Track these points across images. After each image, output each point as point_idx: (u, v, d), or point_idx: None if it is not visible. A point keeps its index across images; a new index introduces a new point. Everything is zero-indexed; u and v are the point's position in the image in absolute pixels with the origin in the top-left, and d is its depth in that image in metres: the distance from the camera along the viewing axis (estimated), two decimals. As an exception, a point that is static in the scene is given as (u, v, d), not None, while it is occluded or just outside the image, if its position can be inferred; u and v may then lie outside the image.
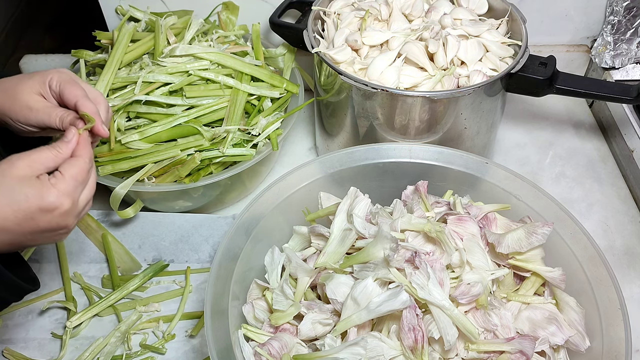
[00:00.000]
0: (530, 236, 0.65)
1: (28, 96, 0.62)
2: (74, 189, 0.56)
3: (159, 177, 0.86)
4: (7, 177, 0.53)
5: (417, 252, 0.62)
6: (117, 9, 1.04)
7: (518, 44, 0.87)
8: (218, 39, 0.99)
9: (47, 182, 0.55)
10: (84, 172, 0.58)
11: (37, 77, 0.63)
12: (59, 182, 0.55)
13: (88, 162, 0.59)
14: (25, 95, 0.62)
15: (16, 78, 0.64)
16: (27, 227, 0.54)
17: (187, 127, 0.86)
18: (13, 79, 0.64)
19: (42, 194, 0.54)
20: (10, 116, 0.62)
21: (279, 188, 0.74)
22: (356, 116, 0.86)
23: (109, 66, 0.88)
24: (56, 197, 0.54)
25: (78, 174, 0.57)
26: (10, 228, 0.53)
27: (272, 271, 0.70)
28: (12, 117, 0.62)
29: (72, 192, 0.56)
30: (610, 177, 1.00)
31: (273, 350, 0.62)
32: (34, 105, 0.62)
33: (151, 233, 0.88)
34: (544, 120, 1.10)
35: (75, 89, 0.62)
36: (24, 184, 0.54)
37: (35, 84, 0.63)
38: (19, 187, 0.53)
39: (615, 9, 1.08)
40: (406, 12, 0.91)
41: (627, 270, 0.87)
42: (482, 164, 0.76)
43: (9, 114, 0.62)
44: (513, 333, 0.63)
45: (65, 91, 0.62)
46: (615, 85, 0.88)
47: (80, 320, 0.79)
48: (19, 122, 0.63)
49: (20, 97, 0.62)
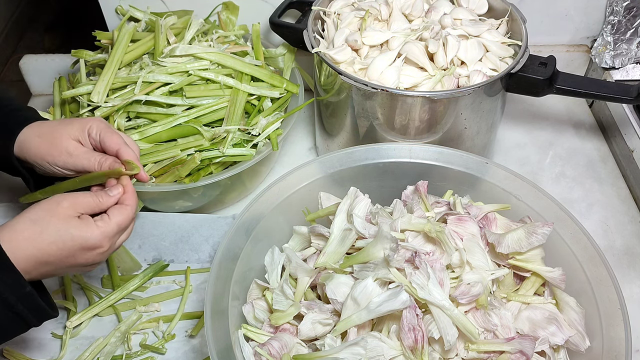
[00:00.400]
0: (530, 236, 0.65)
1: (67, 142, 0.67)
2: (115, 233, 0.62)
3: (159, 177, 0.86)
4: (54, 217, 0.58)
5: (417, 252, 0.62)
6: (117, 9, 1.04)
7: (518, 44, 0.87)
8: (218, 39, 0.99)
9: (93, 223, 0.60)
10: (128, 220, 0.63)
11: (76, 124, 0.68)
12: (105, 225, 0.60)
13: (133, 210, 0.64)
14: (64, 141, 0.67)
15: (51, 124, 0.69)
16: (67, 262, 0.59)
17: (187, 127, 0.87)
18: (47, 125, 0.69)
19: (86, 235, 0.59)
20: (48, 160, 0.67)
21: (279, 188, 0.74)
22: (356, 116, 0.86)
23: (109, 66, 0.88)
24: (99, 239, 0.60)
25: (123, 221, 0.62)
26: (53, 262, 0.58)
27: (272, 271, 0.70)
28: (50, 161, 0.66)
29: (113, 236, 0.61)
30: (610, 177, 1.00)
31: (273, 350, 0.62)
32: (73, 151, 0.66)
33: (151, 233, 0.88)
34: (544, 120, 1.10)
35: (115, 137, 0.67)
36: (69, 224, 0.58)
37: (74, 131, 0.67)
38: (65, 226, 0.58)
39: (615, 9, 1.08)
40: (406, 12, 0.91)
41: (627, 270, 0.87)
42: (482, 164, 0.76)
43: (47, 158, 0.67)
44: (513, 333, 0.63)
45: (107, 139, 0.67)
46: (615, 85, 0.88)
47: (80, 320, 0.79)
48: (56, 165, 0.67)
49: (59, 142, 0.67)
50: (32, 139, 0.67)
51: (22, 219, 0.58)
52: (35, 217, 0.58)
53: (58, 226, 0.58)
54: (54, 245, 0.57)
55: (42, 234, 0.57)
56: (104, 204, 0.63)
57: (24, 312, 0.57)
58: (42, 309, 0.58)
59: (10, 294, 0.55)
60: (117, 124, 0.86)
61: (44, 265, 0.58)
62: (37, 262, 0.57)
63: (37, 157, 0.67)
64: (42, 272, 0.59)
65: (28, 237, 0.56)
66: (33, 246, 0.57)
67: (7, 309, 0.55)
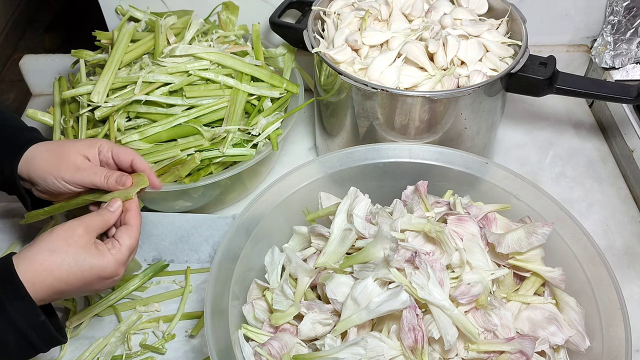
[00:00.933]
0: (530, 236, 0.65)
1: (75, 156, 0.68)
2: (128, 258, 0.63)
3: (159, 177, 0.86)
4: (71, 247, 0.59)
5: (417, 252, 0.62)
6: (117, 9, 1.04)
7: (518, 44, 0.87)
8: (218, 39, 0.99)
9: (108, 252, 0.61)
10: (137, 241, 0.64)
11: (86, 141, 0.70)
12: (118, 253, 0.62)
13: (139, 229, 0.65)
14: (72, 155, 0.68)
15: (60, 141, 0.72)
16: (84, 288, 0.61)
17: (187, 127, 0.87)
18: (55, 142, 0.72)
19: (103, 265, 0.60)
20: (54, 174, 0.67)
21: (279, 188, 0.74)
22: (356, 116, 0.86)
23: (109, 66, 0.88)
24: (115, 267, 0.61)
25: (133, 244, 0.63)
26: (70, 290, 0.60)
27: (272, 271, 0.70)
28: (57, 175, 0.67)
29: (126, 261, 0.63)
30: (610, 177, 1.00)
31: (273, 350, 0.62)
32: (81, 165, 0.67)
33: (151, 233, 0.88)
34: (544, 120, 1.10)
35: (128, 150, 0.69)
36: (87, 254, 0.60)
37: (83, 147, 0.69)
38: (83, 256, 0.59)
39: (615, 9, 1.08)
40: (406, 12, 0.91)
41: (627, 270, 0.87)
42: (482, 164, 0.76)
43: (54, 172, 0.67)
44: (513, 333, 0.63)
45: (120, 153, 0.69)
46: (615, 85, 0.88)
47: (80, 320, 0.79)
48: (62, 179, 0.67)
49: (68, 157, 0.68)
50: (41, 154, 0.68)
51: (39, 248, 0.58)
52: (54, 247, 0.59)
53: (77, 257, 0.59)
54: (73, 275, 0.59)
55: (61, 265, 0.58)
56: (109, 221, 0.64)
57: (37, 340, 0.57)
58: (54, 338, 0.59)
59: (25, 324, 0.56)
60: (117, 124, 0.86)
61: (61, 294, 0.59)
62: (55, 291, 0.58)
63: (44, 171, 0.67)
64: (56, 298, 0.60)
65: (47, 268, 0.57)
66: (53, 277, 0.58)
67: (21, 338, 0.56)
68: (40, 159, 0.68)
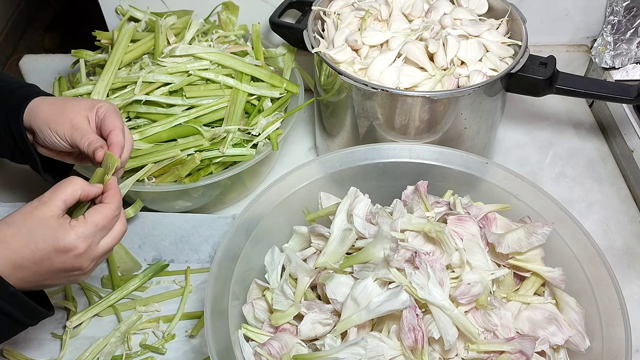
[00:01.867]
0: (530, 236, 0.65)
1: (75, 115, 0.66)
2: (93, 233, 0.58)
3: (159, 177, 0.86)
4: (28, 219, 0.56)
5: (417, 252, 0.62)
6: (117, 9, 1.04)
7: (518, 44, 0.87)
8: (218, 39, 0.99)
9: (67, 224, 0.57)
10: (107, 219, 0.59)
11: (88, 101, 0.68)
12: (79, 225, 0.57)
13: (115, 209, 0.61)
14: (73, 113, 0.66)
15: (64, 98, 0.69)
16: (44, 266, 0.57)
17: (187, 127, 0.87)
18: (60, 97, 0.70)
19: (58, 235, 0.56)
20: (50, 126, 0.66)
21: (279, 188, 0.74)
22: (356, 116, 0.86)
23: (109, 66, 0.88)
24: (72, 239, 0.57)
25: (100, 220, 0.59)
26: (27, 266, 0.56)
27: (272, 271, 0.70)
28: (52, 128, 0.66)
29: (89, 236, 0.58)
30: (610, 177, 1.00)
31: (273, 350, 0.62)
32: (77, 124, 0.66)
33: (151, 233, 0.88)
34: (544, 120, 1.10)
35: (117, 121, 0.66)
36: (43, 225, 0.56)
37: (85, 106, 0.67)
38: (38, 227, 0.56)
39: (615, 9, 1.08)
40: (406, 12, 0.91)
41: (627, 270, 0.87)
42: (482, 164, 0.76)
43: (51, 124, 0.66)
44: (513, 333, 0.63)
45: (107, 119, 0.66)
46: (615, 85, 0.88)
47: (80, 320, 0.79)
48: (57, 133, 0.66)
49: (68, 112, 0.66)
50: (43, 105, 0.67)
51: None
52: (12, 220, 0.57)
53: (31, 227, 0.56)
54: (27, 247, 0.56)
55: (14, 236, 0.55)
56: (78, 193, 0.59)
57: (13, 311, 0.56)
58: (32, 308, 0.58)
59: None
60: (117, 124, 0.86)
61: (20, 270, 0.56)
62: (13, 265, 0.56)
63: (44, 122, 0.66)
64: (20, 277, 0.57)
65: (2, 240, 0.55)
66: (7, 249, 0.55)
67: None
68: (42, 110, 0.67)
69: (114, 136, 0.65)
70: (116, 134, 0.65)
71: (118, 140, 0.65)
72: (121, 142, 0.65)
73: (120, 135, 0.65)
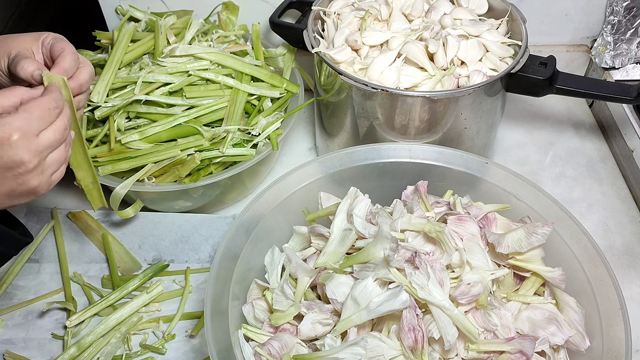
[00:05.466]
0: (530, 236, 0.65)
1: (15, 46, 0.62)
2: (27, 122, 0.53)
3: (159, 177, 0.86)
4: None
5: (417, 252, 0.62)
6: (117, 9, 1.04)
7: (518, 44, 0.87)
8: (218, 39, 0.99)
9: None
10: (42, 109, 0.55)
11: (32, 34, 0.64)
12: (9, 116, 0.53)
13: (52, 100, 0.56)
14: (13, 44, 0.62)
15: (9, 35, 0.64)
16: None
17: (187, 127, 0.86)
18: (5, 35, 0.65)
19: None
20: None
21: (279, 188, 0.74)
22: (356, 116, 0.86)
23: (109, 66, 0.88)
24: None
25: (33, 108, 0.54)
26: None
27: (272, 271, 0.70)
28: None
29: (22, 125, 0.53)
30: (610, 177, 1.00)
31: (273, 350, 0.62)
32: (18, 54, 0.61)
33: (151, 233, 0.88)
34: (544, 120, 1.10)
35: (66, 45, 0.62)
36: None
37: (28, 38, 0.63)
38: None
39: (615, 9, 1.08)
40: (406, 12, 0.91)
41: (627, 270, 0.87)
42: (482, 164, 0.76)
43: None
44: (513, 333, 0.63)
45: (57, 44, 0.62)
46: (615, 85, 0.88)
47: (80, 320, 0.79)
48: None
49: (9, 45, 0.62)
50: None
51: None
52: None
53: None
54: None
55: None
56: (20, 93, 0.56)
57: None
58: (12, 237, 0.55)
59: None
60: (117, 124, 0.86)
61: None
62: None
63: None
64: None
65: None
66: None
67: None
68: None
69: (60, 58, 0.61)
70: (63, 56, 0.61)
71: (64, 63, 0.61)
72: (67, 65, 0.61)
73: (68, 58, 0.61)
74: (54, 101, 0.56)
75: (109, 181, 0.83)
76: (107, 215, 0.91)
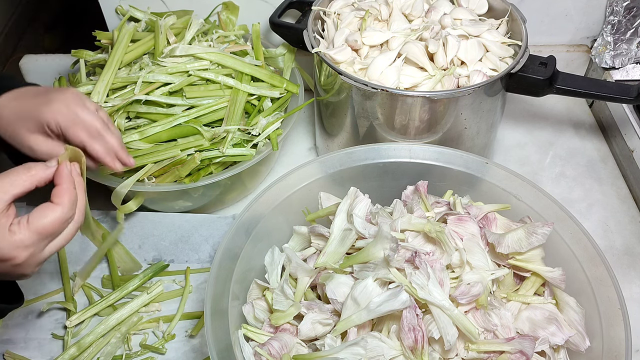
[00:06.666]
0: (530, 236, 0.65)
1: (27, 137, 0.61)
2: (36, 242, 0.51)
3: (159, 177, 0.86)
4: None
5: (417, 252, 0.62)
6: (117, 9, 1.04)
7: (518, 44, 0.87)
8: (218, 39, 0.99)
9: (6, 229, 0.49)
10: (55, 225, 0.51)
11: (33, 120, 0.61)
12: (20, 232, 0.50)
13: (67, 210, 0.52)
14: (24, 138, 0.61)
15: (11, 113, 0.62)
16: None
17: (187, 127, 0.87)
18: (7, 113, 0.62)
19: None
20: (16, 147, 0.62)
21: (279, 188, 0.74)
22: (356, 116, 0.86)
23: (109, 66, 0.88)
24: (8, 249, 0.49)
25: (46, 227, 0.51)
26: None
27: (272, 271, 0.70)
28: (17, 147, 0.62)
29: (31, 245, 0.50)
30: (610, 177, 1.00)
31: (273, 350, 0.62)
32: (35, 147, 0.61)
33: (151, 233, 0.88)
34: (544, 120, 1.10)
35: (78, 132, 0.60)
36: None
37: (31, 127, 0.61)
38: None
39: (615, 9, 1.08)
40: (406, 12, 0.91)
41: (627, 270, 0.87)
42: (482, 164, 0.76)
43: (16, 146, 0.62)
44: (513, 333, 0.63)
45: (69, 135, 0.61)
46: (615, 85, 0.88)
47: (80, 320, 0.79)
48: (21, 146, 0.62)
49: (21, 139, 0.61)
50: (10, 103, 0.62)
51: None
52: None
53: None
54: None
55: None
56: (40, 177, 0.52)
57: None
58: None
59: None
60: (117, 124, 0.86)
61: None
62: None
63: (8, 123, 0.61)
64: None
65: None
66: None
67: None
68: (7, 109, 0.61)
69: (90, 150, 0.60)
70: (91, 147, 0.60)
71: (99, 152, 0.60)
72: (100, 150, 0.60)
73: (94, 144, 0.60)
74: (70, 210, 0.52)
75: (109, 181, 0.83)
76: (107, 215, 0.91)
